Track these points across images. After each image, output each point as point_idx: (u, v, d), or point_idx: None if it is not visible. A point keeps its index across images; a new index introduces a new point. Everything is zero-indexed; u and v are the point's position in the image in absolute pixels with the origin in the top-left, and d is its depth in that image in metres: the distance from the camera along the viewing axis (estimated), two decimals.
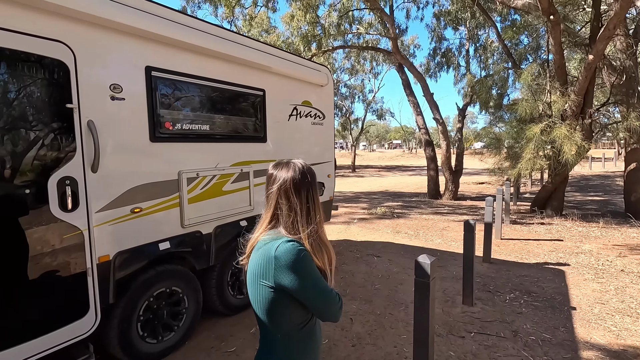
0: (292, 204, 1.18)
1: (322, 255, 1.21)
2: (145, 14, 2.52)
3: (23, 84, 2.03)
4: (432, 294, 2.26)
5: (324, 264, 1.21)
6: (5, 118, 1.96)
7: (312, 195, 1.22)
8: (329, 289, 1.17)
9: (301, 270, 1.10)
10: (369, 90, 29.59)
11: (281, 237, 1.16)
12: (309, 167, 1.27)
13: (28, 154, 2.06)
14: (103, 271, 2.40)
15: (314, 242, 1.19)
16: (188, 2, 10.26)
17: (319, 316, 1.18)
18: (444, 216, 8.98)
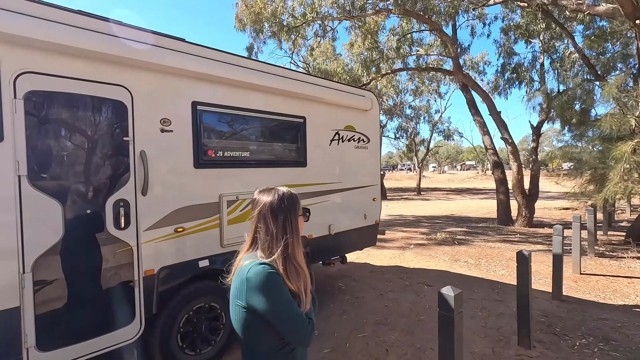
0: (269, 227, 1.25)
1: (298, 278, 1.24)
2: (191, 56, 2.88)
3: (89, 122, 2.46)
4: (457, 331, 2.09)
5: (299, 288, 1.23)
6: (75, 150, 2.38)
7: (289, 220, 1.27)
8: (298, 312, 1.19)
9: (269, 292, 1.15)
10: (435, 110, 28.65)
11: (257, 259, 1.22)
12: (290, 193, 1.34)
13: (92, 179, 2.45)
14: (148, 284, 2.68)
15: (289, 265, 1.23)
16: (255, 40, 11.29)
17: (288, 339, 1.20)
18: (513, 245, 8.13)
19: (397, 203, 20.58)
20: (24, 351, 2.11)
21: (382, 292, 4.97)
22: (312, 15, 9.69)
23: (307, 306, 1.25)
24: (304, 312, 1.23)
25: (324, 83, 4.16)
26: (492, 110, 10.90)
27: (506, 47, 13.84)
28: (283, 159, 3.76)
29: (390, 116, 27.03)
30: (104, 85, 2.45)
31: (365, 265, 6.51)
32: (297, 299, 1.22)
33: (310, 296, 1.29)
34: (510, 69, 13.53)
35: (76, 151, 2.41)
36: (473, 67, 20.06)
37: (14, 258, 2.08)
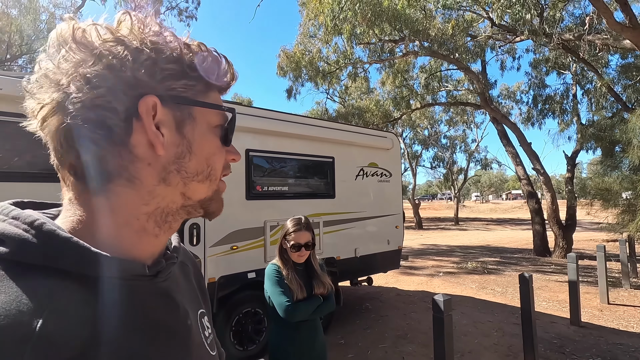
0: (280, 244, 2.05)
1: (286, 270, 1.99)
2: (245, 115, 3.84)
3: None
4: (447, 329, 2.66)
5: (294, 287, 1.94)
6: None
7: (284, 241, 2.04)
8: (282, 296, 1.88)
9: (267, 279, 1.97)
10: (471, 139, 28.59)
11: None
12: (286, 223, 2.10)
13: None
14: (211, 289, 3.50)
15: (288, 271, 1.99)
16: (294, 83, 12.61)
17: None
18: (546, 275, 8.16)
19: (432, 233, 20.49)
20: None
21: (405, 312, 5.44)
22: (345, 61, 10.81)
23: (298, 296, 1.93)
24: (296, 300, 1.90)
25: (349, 128, 4.99)
26: (522, 141, 11.13)
27: (537, 79, 14.12)
28: (315, 191, 4.56)
29: (425, 146, 27.39)
30: None
31: (392, 289, 6.97)
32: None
33: (303, 291, 1.94)
34: (542, 100, 13.71)
35: None
36: (509, 97, 20.19)
37: None
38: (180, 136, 0.45)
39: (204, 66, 0.46)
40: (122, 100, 0.41)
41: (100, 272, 0.40)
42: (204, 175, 0.48)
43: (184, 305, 0.51)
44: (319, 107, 19.30)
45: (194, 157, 0.46)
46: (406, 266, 9.21)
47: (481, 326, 4.84)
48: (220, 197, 0.53)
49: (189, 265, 0.62)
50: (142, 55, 0.41)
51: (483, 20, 10.78)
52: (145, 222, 0.46)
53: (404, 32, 10.34)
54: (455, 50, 10.86)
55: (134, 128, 0.42)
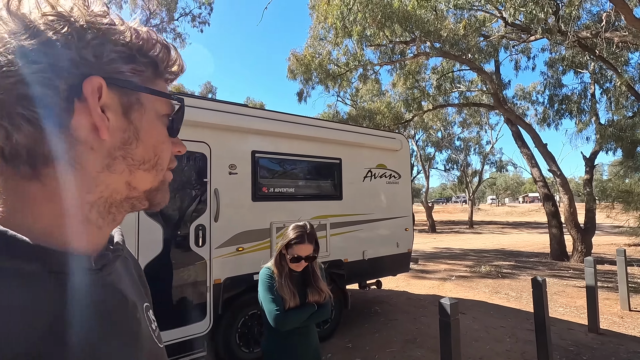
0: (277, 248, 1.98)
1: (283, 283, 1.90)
2: (250, 117, 3.85)
3: (182, 168, 3.45)
4: (454, 333, 2.58)
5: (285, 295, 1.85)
6: (171, 189, 3.37)
7: (283, 247, 1.94)
8: (272, 303, 1.82)
9: (260, 283, 1.93)
10: (486, 141, 28.07)
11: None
12: (287, 231, 1.97)
13: (182, 209, 3.41)
14: (216, 290, 3.51)
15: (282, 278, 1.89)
16: (305, 86, 12.65)
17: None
18: (563, 280, 7.90)
19: (446, 236, 20.16)
20: None
21: (415, 316, 5.34)
22: (355, 63, 10.78)
23: (290, 304, 1.84)
24: (288, 307, 1.82)
25: (356, 129, 4.95)
26: (537, 142, 10.85)
27: (553, 79, 13.77)
28: (322, 193, 4.53)
29: (438, 148, 27.05)
30: (193, 142, 3.46)
31: (403, 293, 6.86)
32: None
33: (295, 299, 1.85)
34: (558, 100, 13.36)
35: (172, 188, 3.40)
36: (525, 97, 19.76)
37: None
38: (127, 121, 0.43)
39: (153, 53, 0.45)
40: (64, 78, 0.38)
41: (41, 267, 0.38)
42: (150, 164, 0.46)
43: (132, 298, 0.50)
44: (330, 110, 19.30)
45: (141, 145, 0.45)
46: (418, 270, 9.06)
47: (493, 332, 4.70)
48: (166, 188, 0.51)
49: (129, 259, 0.60)
50: (87, 35, 0.39)
51: (496, 19, 10.59)
52: (89, 212, 0.43)
53: (414, 33, 10.23)
54: (467, 51, 10.69)
55: (75, 109, 0.39)
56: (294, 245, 1.88)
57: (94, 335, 0.40)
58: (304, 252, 1.89)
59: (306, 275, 1.97)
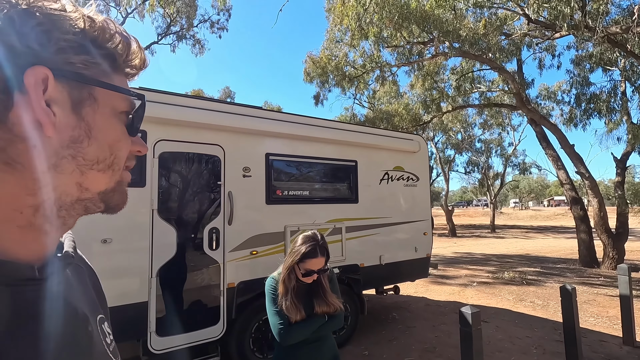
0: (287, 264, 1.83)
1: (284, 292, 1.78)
2: (264, 119, 3.81)
3: (196, 171, 3.44)
4: (475, 345, 2.43)
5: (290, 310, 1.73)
6: (186, 191, 3.35)
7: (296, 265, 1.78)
8: (275, 316, 1.74)
9: (266, 294, 1.85)
10: (508, 143, 27.24)
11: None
12: (298, 247, 1.80)
13: (196, 212, 3.40)
14: (229, 294, 3.47)
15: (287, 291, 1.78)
16: (321, 89, 12.61)
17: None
18: (594, 288, 7.48)
19: (466, 240, 19.62)
20: (148, 334, 2.98)
21: (434, 323, 5.15)
22: (372, 65, 10.65)
23: (295, 318, 1.72)
24: (294, 320, 1.70)
25: (372, 131, 4.84)
26: (563, 143, 10.39)
27: (580, 77, 13.20)
28: (337, 196, 4.44)
29: (458, 150, 26.46)
30: (206, 145, 3.45)
31: (422, 299, 6.66)
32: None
33: (300, 312, 1.72)
34: (586, 99, 12.78)
35: (187, 192, 3.39)
36: (549, 97, 19.08)
37: (147, 266, 3.03)
38: (77, 117, 0.40)
39: (110, 45, 0.42)
40: (3, 67, 0.34)
41: None
42: (105, 164, 0.43)
43: (83, 310, 0.46)
44: (347, 113, 19.19)
45: (94, 143, 0.41)
46: (437, 275, 8.81)
47: (519, 342, 4.47)
48: (124, 189, 0.48)
49: (83, 267, 0.55)
50: (32, 20, 0.35)
51: (518, 17, 10.25)
52: (32, 216, 0.39)
53: (432, 33, 10.04)
54: (488, 50, 10.38)
55: (15, 102, 0.35)
56: (307, 260, 1.75)
57: (35, 351, 0.37)
58: (316, 265, 1.76)
59: (314, 285, 1.84)
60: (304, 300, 1.79)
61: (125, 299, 2.89)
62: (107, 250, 2.85)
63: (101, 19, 0.41)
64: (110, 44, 0.42)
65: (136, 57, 0.45)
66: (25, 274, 0.38)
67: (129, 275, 2.98)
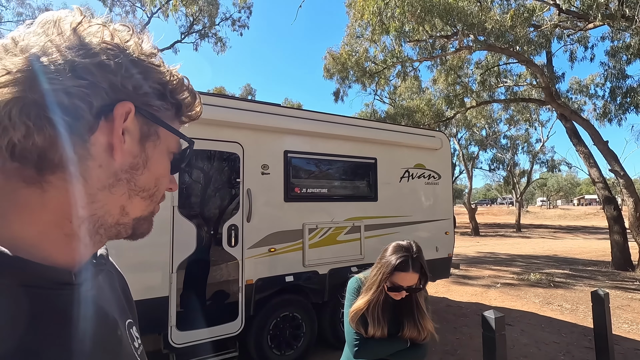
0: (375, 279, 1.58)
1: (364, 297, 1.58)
2: (283, 117, 3.80)
3: (215, 168, 3.48)
4: (499, 351, 2.34)
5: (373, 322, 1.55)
6: (205, 188, 3.39)
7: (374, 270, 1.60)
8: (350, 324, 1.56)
9: (347, 294, 1.67)
10: (535, 139, 26.18)
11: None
12: (388, 257, 1.56)
13: (215, 209, 3.43)
14: (248, 291, 3.49)
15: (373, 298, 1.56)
16: (341, 85, 12.51)
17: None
18: (628, 292, 7.10)
19: (490, 240, 19.08)
20: (169, 328, 3.04)
21: (456, 325, 5.02)
22: (393, 60, 10.46)
23: (373, 332, 1.52)
24: (371, 335, 1.51)
25: (393, 127, 4.74)
26: (596, 139, 9.89)
27: (616, 70, 12.49)
28: (356, 194, 4.38)
29: (482, 147, 25.69)
30: (226, 142, 3.47)
31: (443, 299, 6.52)
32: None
33: (383, 329, 1.51)
34: (621, 93, 12.08)
35: (207, 189, 3.43)
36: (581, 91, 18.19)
37: (168, 262, 3.08)
38: (140, 149, 0.46)
39: (182, 97, 0.50)
40: (101, 97, 0.41)
41: (17, 280, 0.37)
42: (149, 193, 0.49)
43: (113, 315, 0.50)
44: (368, 109, 18.98)
45: (146, 172, 0.47)
46: (459, 275, 8.60)
47: (545, 348, 4.29)
48: (151, 219, 0.52)
49: (113, 273, 0.59)
50: (136, 68, 0.44)
51: (548, 8, 9.80)
52: (78, 227, 0.43)
53: (456, 26, 9.72)
54: (515, 43, 9.96)
55: (99, 126, 0.42)
56: (396, 273, 1.51)
57: (68, 353, 0.40)
58: (407, 281, 1.50)
59: (406, 303, 1.58)
60: (389, 315, 1.56)
61: (147, 293, 2.96)
62: (130, 245, 2.89)
63: (180, 76, 0.50)
64: (181, 95, 0.50)
65: (195, 109, 0.54)
66: (64, 278, 0.42)
67: (151, 270, 3.04)
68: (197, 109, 0.54)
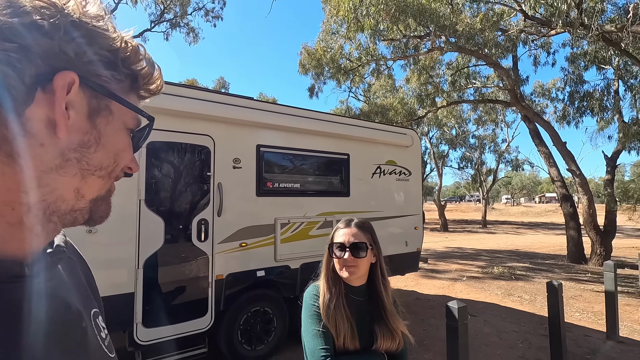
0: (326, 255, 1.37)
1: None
2: (256, 110, 3.75)
3: (184, 162, 3.39)
4: (462, 339, 2.44)
5: (340, 325, 1.25)
6: (174, 181, 3.31)
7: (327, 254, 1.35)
8: (315, 339, 1.22)
9: (303, 308, 1.31)
10: (501, 139, 27.38)
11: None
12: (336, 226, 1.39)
13: (185, 203, 3.35)
14: (218, 286, 3.44)
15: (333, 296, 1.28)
16: (316, 81, 12.51)
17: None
18: (581, 284, 7.60)
19: (458, 235, 19.81)
20: (134, 325, 2.95)
21: (423, 317, 5.19)
22: (367, 58, 10.57)
23: (345, 344, 1.22)
24: (342, 343, 1.21)
25: (366, 124, 4.81)
26: (556, 140, 10.47)
27: (574, 75, 13.26)
28: (328, 189, 4.42)
29: (452, 146, 26.55)
30: (196, 135, 3.39)
31: (412, 292, 6.71)
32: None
33: (354, 336, 1.23)
34: (579, 97, 12.85)
35: (176, 182, 3.34)
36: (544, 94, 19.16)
37: (133, 257, 2.98)
38: (90, 125, 0.42)
39: (137, 67, 0.45)
40: (35, 64, 0.36)
41: None
42: (107, 171, 0.45)
43: (77, 306, 0.46)
44: (342, 106, 19.09)
45: (101, 150, 0.43)
46: (428, 269, 8.88)
47: (505, 336, 4.53)
48: (110, 200, 0.48)
49: (75, 260, 0.54)
50: (77, 31, 0.38)
51: (515, 13, 10.22)
52: (24, 215, 0.38)
53: (429, 27, 9.97)
54: (484, 46, 10.34)
55: (35, 99, 0.37)
56: (337, 231, 1.34)
57: (30, 351, 0.37)
58: (347, 237, 1.29)
59: (375, 301, 1.33)
60: (358, 324, 1.27)
61: (111, 290, 2.85)
62: (92, 241, 2.79)
63: (135, 43, 0.45)
64: (136, 66, 0.45)
65: (154, 82, 0.49)
66: (14, 270, 0.38)
67: (115, 266, 2.94)
68: (158, 82, 0.49)
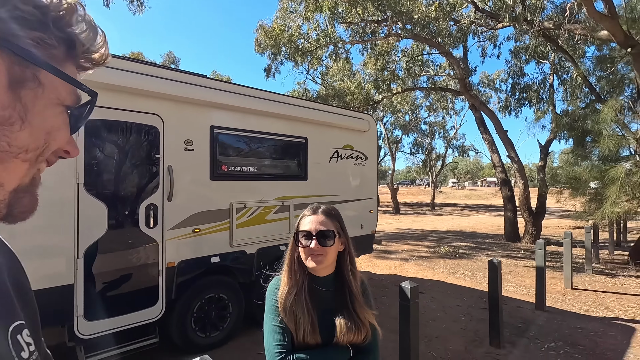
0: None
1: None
2: (209, 89, 3.55)
3: (130, 142, 3.13)
4: (413, 317, 2.58)
5: (300, 319, 1.16)
6: (118, 163, 3.05)
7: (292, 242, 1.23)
8: (273, 336, 1.17)
9: (266, 304, 1.24)
10: (450, 126, 28.88)
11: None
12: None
13: (130, 187, 3.11)
14: (169, 274, 3.29)
15: (293, 288, 1.19)
16: (273, 61, 12.16)
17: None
18: (515, 260, 8.38)
19: (408, 217, 20.81)
20: (75, 318, 2.73)
21: (376, 296, 5.41)
22: (325, 40, 10.45)
23: (305, 338, 1.14)
24: (301, 338, 1.13)
25: (324, 108, 4.77)
26: (498, 129, 11.24)
27: (517, 68, 14.22)
28: (286, 173, 4.36)
29: (405, 131, 27.49)
30: (143, 114, 3.13)
31: (365, 273, 6.95)
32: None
33: (314, 330, 1.14)
34: (520, 88, 13.84)
35: (119, 164, 3.09)
36: (489, 85, 20.35)
37: (72, 246, 2.73)
38: (12, 97, 0.35)
39: (74, 30, 0.38)
40: None
41: None
42: (35, 154, 0.38)
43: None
44: (300, 88, 18.84)
45: (27, 128, 0.36)
46: (381, 250, 9.24)
47: (450, 311, 4.87)
48: (35, 192, 0.41)
49: (0, 260, 0.46)
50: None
51: (467, 5, 10.62)
52: None
53: (387, 12, 10.05)
54: (437, 34, 10.68)
55: None
56: (302, 219, 1.23)
57: None
58: (313, 224, 1.18)
59: (342, 290, 1.24)
60: (321, 314, 1.17)
61: (46, 282, 2.60)
62: (22, 229, 2.49)
63: (73, 1, 0.37)
64: (73, 28, 0.38)
65: (98, 51, 0.41)
66: None
67: (51, 255, 2.67)
68: (102, 51, 0.42)
